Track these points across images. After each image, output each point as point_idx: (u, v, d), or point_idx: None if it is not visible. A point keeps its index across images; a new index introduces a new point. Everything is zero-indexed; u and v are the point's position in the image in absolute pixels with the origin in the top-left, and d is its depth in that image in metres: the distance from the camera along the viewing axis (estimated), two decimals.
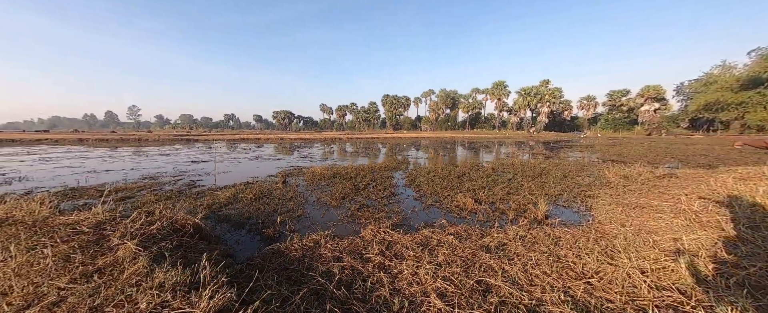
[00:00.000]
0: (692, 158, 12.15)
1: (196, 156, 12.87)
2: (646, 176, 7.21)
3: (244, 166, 9.65)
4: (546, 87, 58.80)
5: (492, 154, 15.32)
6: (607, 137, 39.46)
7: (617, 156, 13.26)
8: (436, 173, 8.03)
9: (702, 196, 4.60)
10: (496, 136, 41.48)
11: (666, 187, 5.85)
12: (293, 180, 6.84)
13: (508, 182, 6.74)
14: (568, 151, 16.80)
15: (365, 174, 7.65)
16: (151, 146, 19.75)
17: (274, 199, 4.84)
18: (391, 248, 2.74)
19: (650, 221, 3.57)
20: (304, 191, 5.66)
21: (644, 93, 50.03)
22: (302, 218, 3.93)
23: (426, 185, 6.21)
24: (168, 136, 35.72)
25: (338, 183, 6.34)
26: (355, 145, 22.01)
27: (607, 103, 59.70)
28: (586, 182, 6.85)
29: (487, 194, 5.42)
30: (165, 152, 14.79)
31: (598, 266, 2.27)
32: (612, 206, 4.35)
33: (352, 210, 4.26)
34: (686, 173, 7.57)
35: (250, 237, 3.17)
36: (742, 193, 4.44)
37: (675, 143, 22.79)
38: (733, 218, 3.39)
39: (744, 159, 11.24)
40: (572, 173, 8.16)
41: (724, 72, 41.05)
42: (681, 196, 4.85)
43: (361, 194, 5.44)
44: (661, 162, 10.79)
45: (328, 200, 4.79)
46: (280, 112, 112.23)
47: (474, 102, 71.77)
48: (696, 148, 16.90)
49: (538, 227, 3.41)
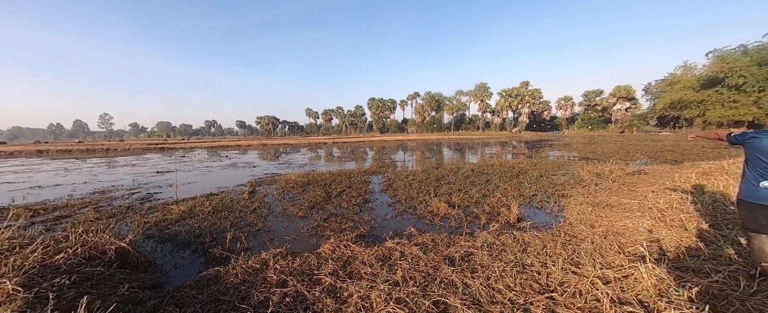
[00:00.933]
0: (660, 154, 12.72)
1: (165, 166, 12.10)
2: (617, 173, 7.37)
3: (214, 175, 9.11)
4: (526, 88, 60.77)
5: (474, 155, 15.44)
6: (584, 135, 41.17)
7: (592, 154, 13.68)
8: (415, 176, 7.87)
9: (669, 187, 4.67)
10: (480, 137, 42.27)
11: (635, 184, 5.96)
12: (263, 189, 6.46)
13: (486, 184, 6.68)
14: (547, 150, 17.23)
15: (342, 180, 7.38)
16: (119, 156, 18.52)
17: (234, 212, 4.47)
18: (348, 266, 2.49)
19: (618, 221, 3.53)
20: (272, 201, 5.32)
21: (616, 93, 52.73)
22: (261, 232, 3.61)
23: (402, 190, 6.02)
24: (141, 145, 33.80)
25: (311, 191, 6.03)
26: (339, 150, 21.63)
27: (582, 104, 62.42)
28: (561, 181, 6.91)
29: (463, 198, 5.30)
30: (131, 163, 13.85)
31: (562, 277, 2.13)
32: (583, 206, 4.31)
33: (318, 221, 3.99)
34: (654, 169, 7.83)
35: (192, 259, 2.83)
36: (704, 188, 4.54)
37: (645, 140, 24.00)
38: (695, 217, 3.40)
39: (706, 154, 11.88)
40: (548, 172, 8.25)
41: (685, 72, 44.01)
42: (648, 193, 4.91)
43: (333, 202, 5.17)
44: (632, 159, 11.19)
45: (295, 210, 4.48)
46: (263, 118, 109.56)
47: (458, 104, 73.07)
48: (663, 145, 17.80)
49: (508, 232, 3.28)
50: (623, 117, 51.43)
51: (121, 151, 24.49)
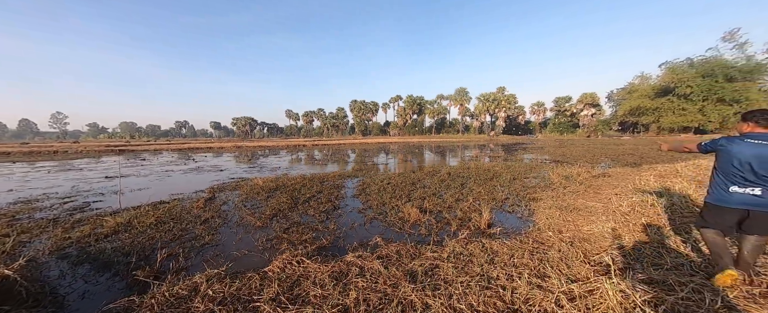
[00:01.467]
0: (622, 157, 13.55)
1: (119, 170, 10.96)
2: (584, 175, 7.64)
3: (173, 180, 8.32)
4: (502, 93, 63.34)
5: (452, 158, 15.58)
6: (555, 139, 43.49)
7: (562, 157, 14.30)
8: (391, 180, 7.66)
9: (630, 190, 4.82)
10: (460, 140, 43.26)
11: (600, 186, 6.16)
12: (224, 196, 5.92)
13: (461, 188, 6.61)
14: (521, 153, 17.83)
15: (313, 185, 6.99)
16: (71, 159, 16.62)
17: (182, 223, 3.98)
18: (296, 287, 2.19)
19: (584, 225, 3.52)
20: (230, 209, 4.84)
21: (583, 100, 56.41)
22: (207, 247, 3.18)
23: (376, 195, 5.77)
24: (98, 147, 30.83)
25: (277, 197, 5.60)
26: (319, 153, 20.99)
27: (554, 109, 66.15)
28: (533, 184, 7.01)
29: (436, 203, 5.16)
30: (79, 167, 12.42)
31: (528, 292, 1.98)
32: (552, 210, 4.31)
33: (278, 232, 3.62)
34: (617, 172, 8.22)
35: (109, 285, 2.37)
36: (662, 191, 4.73)
37: (608, 144, 25.69)
38: (655, 219, 3.46)
39: (661, 157, 12.81)
40: (521, 175, 8.39)
41: (642, 82, 48.10)
42: (612, 196, 5.05)
43: (299, 209, 4.80)
44: (597, 162, 11.79)
45: (253, 220, 4.07)
46: (240, 119, 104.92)
47: (439, 108, 74.56)
48: (625, 148, 19.09)
49: (476, 240, 3.13)
50: (589, 122, 55.09)
51: (74, 153, 22.13)
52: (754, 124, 2.05)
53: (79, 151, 24.40)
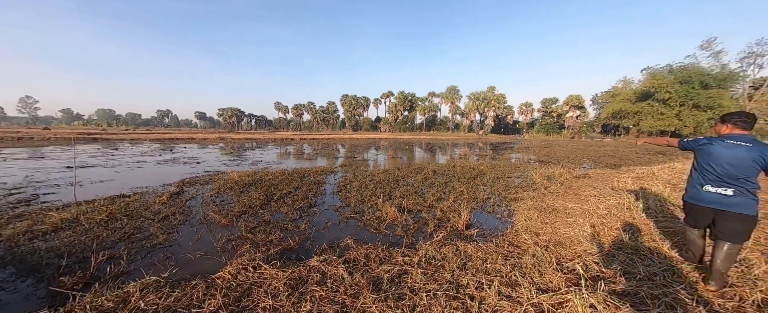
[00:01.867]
0: (602, 158, 13.90)
1: (85, 160, 10.25)
2: (565, 176, 7.70)
3: (142, 172, 7.82)
4: (492, 93, 64.06)
5: (441, 155, 15.55)
6: (541, 139, 44.50)
7: (546, 157, 14.53)
8: (375, 176, 7.48)
9: (608, 192, 4.82)
10: (450, 138, 43.53)
11: (580, 188, 6.19)
12: (193, 191, 5.56)
13: (444, 186, 6.50)
14: (508, 152, 18.03)
15: (293, 180, 6.71)
16: (37, 147, 15.47)
17: (137, 220, 3.64)
18: (245, 297, 1.97)
19: (562, 228, 3.45)
20: (197, 205, 4.52)
21: (569, 102, 57.90)
22: (158, 248, 2.90)
23: (356, 192, 5.57)
24: (70, 134, 29.01)
25: (252, 193, 5.31)
26: (306, 147, 20.52)
27: (541, 110, 67.59)
28: (516, 183, 7.00)
29: (417, 202, 5.02)
30: (41, 155, 11.55)
31: (496, 303, 1.85)
32: (531, 211, 4.24)
33: (243, 231, 3.36)
34: (597, 173, 8.36)
35: (28, 293, 2.07)
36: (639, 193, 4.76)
37: (591, 146, 26.45)
38: (631, 222, 3.44)
39: (640, 159, 13.21)
40: (505, 174, 8.40)
41: (625, 86, 49.78)
42: (591, 198, 5.05)
43: (272, 206, 4.54)
44: (579, 162, 12.02)
45: (218, 217, 3.79)
46: (226, 110, 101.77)
47: (430, 105, 74.69)
48: (606, 150, 19.67)
49: (451, 243, 2.99)
50: (574, 124, 56.69)
51: (41, 141, 20.67)
52: (732, 125, 2.07)
53: (47, 138, 22.87)
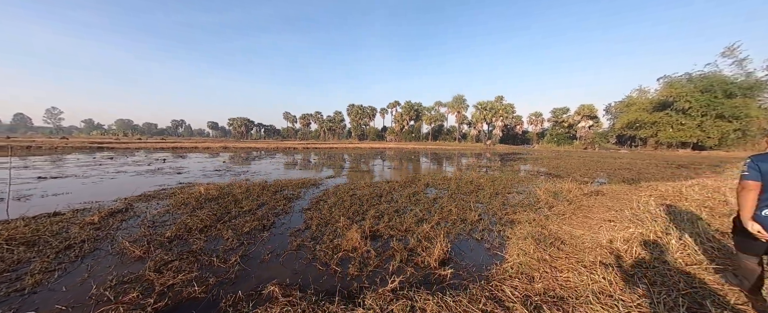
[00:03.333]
0: (618, 171, 12.72)
1: (67, 169, 9.99)
2: (574, 193, 6.76)
3: (111, 183, 7.37)
4: (500, 102, 62.95)
5: (442, 165, 14.69)
6: (551, 150, 42.82)
7: (555, 169, 13.45)
8: (357, 190, 6.77)
9: (627, 216, 3.87)
10: (456, 148, 42.48)
11: (591, 208, 5.27)
12: (144, 207, 4.98)
13: (432, 203, 5.72)
14: (516, 163, 16.97)
15: (264, 194, 6.07)
16: (34, 156, 15.60)
17: (36, 248, 3.03)
18: None
19: (564, 270, 2.61)
20: (131, 226, 3.91)
21: (580, 111, 56.07)
22: (12, 297, 2.22)
23: (327, 211, 4.86)
24: (80, 144, 29.79)
25: (205, 210, 4.69)
26: (305, 157, 20.07)
27: (551, 120, 65.79)
28: (516, 200, 6.13)
29: (393, 223, 4.26)
30: (25, 165, 11.42)
31: None
32: (527, 241, 3.41)
33: (155, 266, 2.69)
34: (612, 189, 7.35)
35: None
36: (667, 217, 3.83)
37: (605, 157, 24.95)
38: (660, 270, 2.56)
39: (660, 173, 11.97)
40: (505, 189, 7.52)
41: (640, 95, 47.82)
42: (604, 222, 4.16)
43: (218, 228, 3.87)
44: (591, 176, 10.94)
45: (133, 248, 3.09)
46: (236, 119, 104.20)
47: (437, 114, 74.10)
48: (622, 162, 18.31)
49: (406, 295, 2.21)
50: (586, 134, 54.65)
51: (45, 150, 21.07)
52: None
53: (54, 147, 23.38)
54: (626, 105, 47.02)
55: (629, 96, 49.54)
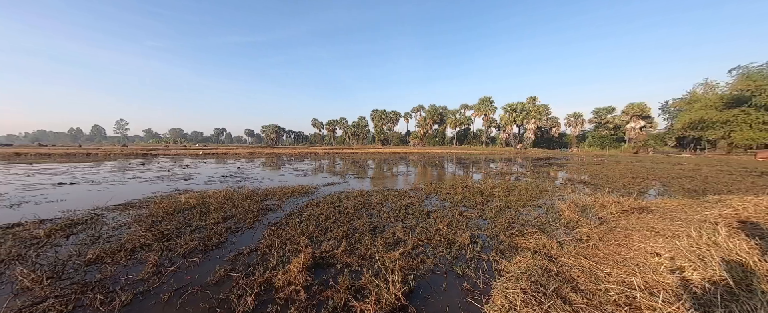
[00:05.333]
0: (677, 180, 10.46)
1: (92, 175, 10.79)
2: (611, 208, 5.39)
3: (114, 190, 7.60)
4: (532, 103, 58.51)
5: (460, 172, 13.47)
6: (593, 155, 38.32)
7: (591, 177, 11.52)
8: (345, 201, 6.12)
9: (692, 242, 2.62)
10: (483, 153, 40.00)
11: (630, 231, 3.99)
12: (111, 217, 4.84)
13: (424, 218, 4.86)
14: (548, 169, 15.05)
15: (243, 204, 5.70)
16: (87, 162, 17.57)
17: None
18: None
19: None
20: (71, 243, 3.65)
21: (629, 111, 49.77)
22: None
23: (295, 227, 4.28)
24: (133, 150, 33.47)
25: (166, 223, 4.39)
26: (319, 162, 20.08)
27: (593, 121, 59.46)
28: (530, 217, 4.99)
29: (361, 246, 3.54)
30: (63, 170, 12.65)
31: None
32: (519, 285, 2.44)
33: (20, 305, 2.27)
34: (665, 204, 5.76)
35: None
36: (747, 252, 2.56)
37: (661, 162, 21.39)
38: None
39: (735, 183, 9.56)
40: (521, 201, 6.32)
41: (706, 90, 41.04)
42: (644, 257, 2.97)
43: (160, 246, 3.47)
44: (639, 185, 9.04)
45: (26, 277, 2.69)
46: (268, 127, 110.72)
47: (463, 118, 71.29)
48: (682, 169, 15.35)
49: None
50: (637, 136, 48.23)
51: (100, 157, 23.77)
52: None
53: (106, 154, 26.35)
54: (688, 102, 40.61)
55: (692, 92, 42.84)
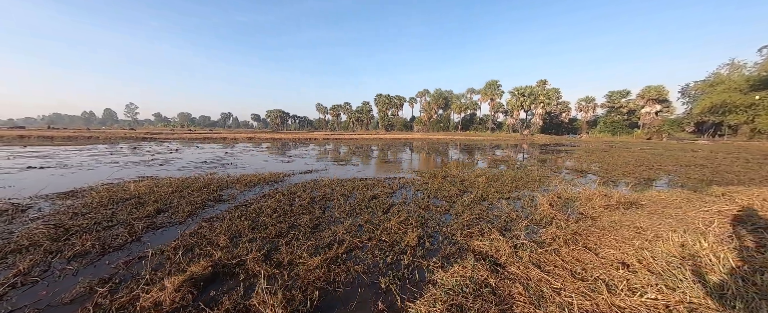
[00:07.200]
0: (685, 169, 9.60)
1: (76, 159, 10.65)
2: (596, 201, 4.77)
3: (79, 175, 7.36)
4: (542, 87, 55.86)
5: (454, 159, 12.83)
6: (603, 141, 36.71)
7: (591, 165, 10.72)
8: (307, 191, 5.67)
9: (674, 245, 2.02)
10: (488, 139, 38.82)
11: (605, 233, 3.38)
12: (46, 206, 4.52)
13: (384, 211, 4.38)
14: (551, 156, 14.22)
15: (187, 195, 5.29)
16: (86, 144, 17.62)
17: None
18: None
19: None
20: None
21: (645, 94, 46.97)
22: None
23: (227, 224, 3.85)
24: (132, 135, 33.77)
25: (90, 216, 4.03)
26: (318, 148, 19.68)
27: (605, 105, 56.71)
28: (503, 211, 4.45)
29: (293, 247, 3.10)
30: (54, 153, 12.58)
31: None
32: (436, 305, 1.94)
33: None
34: (658, 198, 5.07)
35: None
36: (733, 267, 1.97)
37: (674, 149, 20.12)
38: None
39: (748, 171, 8.67)
40: (501, 192, 5.74)
41: (732, 71, 38.00)
42: (613, 267, 2.40)
43: (38, 250, 3.10)
44: (640, 175, 8.27)
45: None
46: (272, 112, 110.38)
47: (469, 102, 69.05)
48: (695, 156, 14.28)
49: None
50: (652, 121, 45.84)
51: (101, 140, 23.95)
52: None
53: (107, 138, 26.59)
54: (711, 85, 37.82)
55: (716, 73, 39.78)
